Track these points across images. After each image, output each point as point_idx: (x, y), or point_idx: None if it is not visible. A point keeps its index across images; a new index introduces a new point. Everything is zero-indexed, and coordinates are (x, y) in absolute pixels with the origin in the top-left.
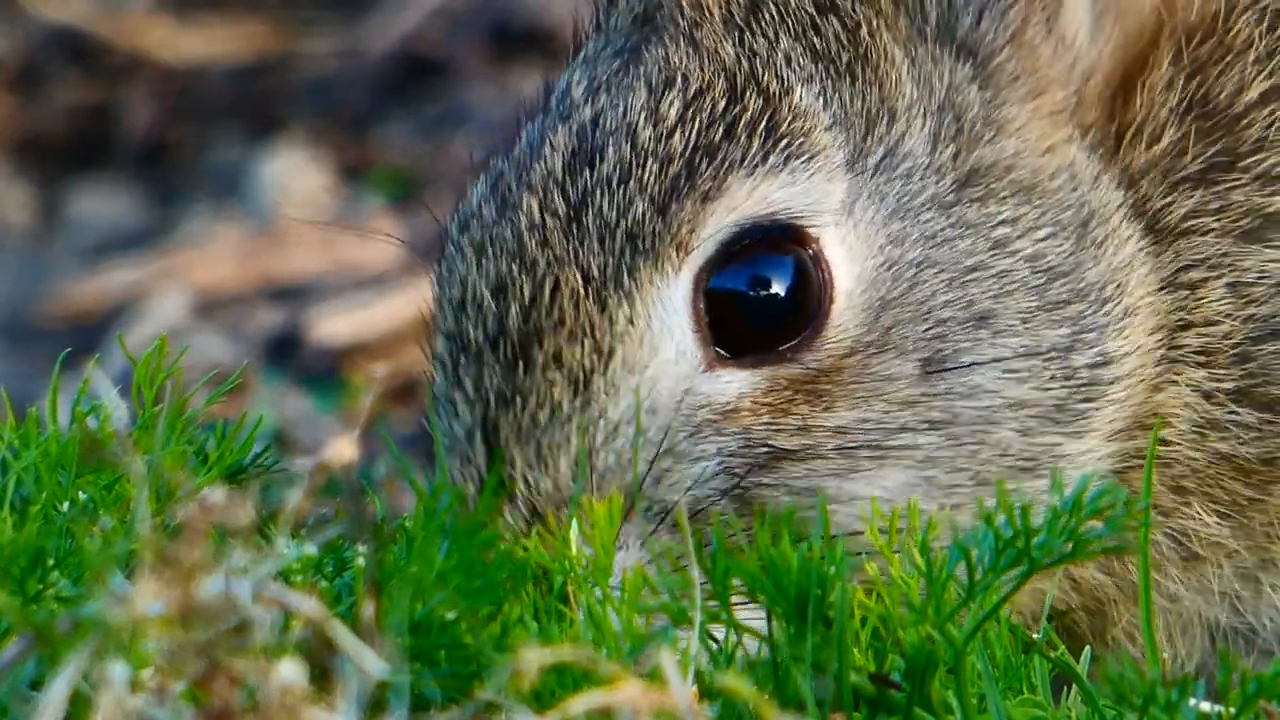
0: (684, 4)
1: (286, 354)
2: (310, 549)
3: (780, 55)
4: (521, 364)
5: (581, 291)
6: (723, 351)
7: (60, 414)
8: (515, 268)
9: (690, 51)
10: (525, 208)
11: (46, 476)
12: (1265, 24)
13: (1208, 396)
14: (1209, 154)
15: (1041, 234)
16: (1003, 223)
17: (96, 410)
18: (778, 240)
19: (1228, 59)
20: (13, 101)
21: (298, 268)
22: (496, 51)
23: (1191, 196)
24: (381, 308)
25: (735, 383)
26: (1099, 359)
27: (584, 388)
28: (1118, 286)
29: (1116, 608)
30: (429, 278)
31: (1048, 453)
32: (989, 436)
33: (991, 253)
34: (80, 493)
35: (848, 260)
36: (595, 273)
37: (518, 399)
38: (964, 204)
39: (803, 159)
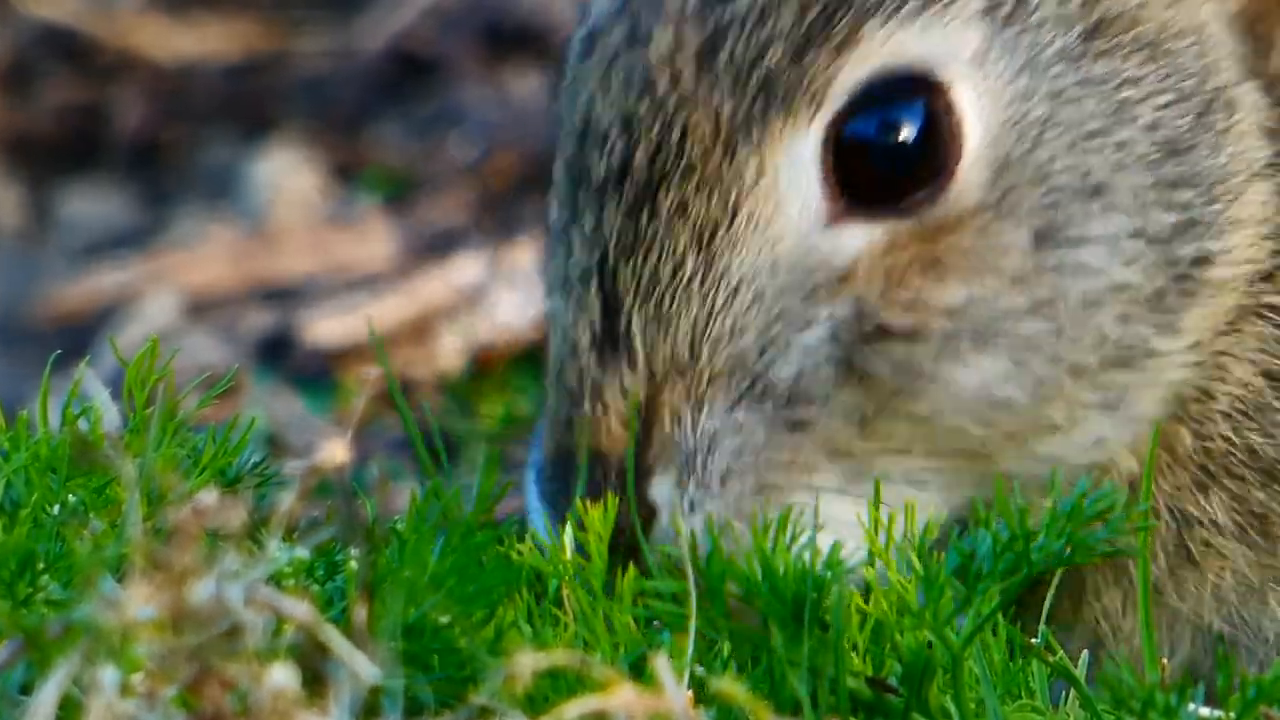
0: None
1: (279, 356)
2: (302, 552)
3: None
4: (646, 210)
5: (710, 138)
6: (848, 204)
7: (51, 416)
8: (644, 104)
9: None
10: (656, 40)
11: (37, 479)
12: None
13: (1262, 374)
14: None
15: (1162, 100)
16: (1126, 82)
17: (87, 412)
18: (911, 89)
19: None
20: (2, 101)
21: (290, 269)
22: (490, 51)
23: None
24: (375, 309)
25: (855, 239)
26: (1201, 254)
27: (708, 243)
28: (1230, 191)
29: (1097, 575)
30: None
31: (1142, 345)
32: (1090, 320)
33: (1113, 117)
34: (71, 495)
35: (978, 113)
36: (726, 119)
37: (640, 249)
38: (1090, 58)
39: (939, 5)
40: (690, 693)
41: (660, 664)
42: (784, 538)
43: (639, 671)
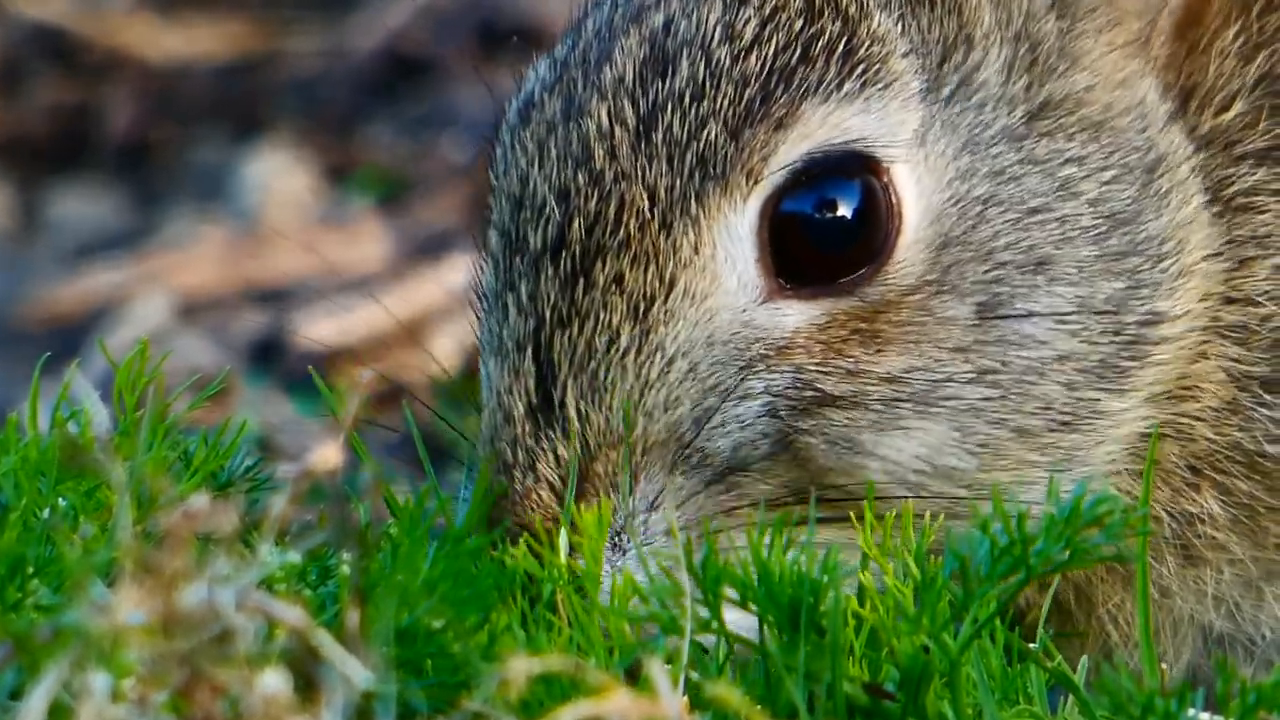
0: None
1: (270, 358)
2: (294, 557)
3: None
4: (582, 281)
5: (648, 213)
6: (784, 282)
7: (40, 419)
8: (581, 177)
9: None
10: (594, 113)
11: (26, 483)
12: None
13: (1237, 380)
14: (1275, 131)
15: (1107, 176)
16: (1070, 160)
17: (77, 415)
18: (849, 167)
19: None
20: None
21: (282, 270)
22: (483, 50)
23: (1255, 173)
24: (367, 311)
25: (793, 315)
26: (1149, 317)
27: (643, 316)
28: (1177, 244)
29: (1104, 586)
30: (484, 162)
31: (1089, 409)
32: (1034, 389)
33: (1057, 194)
34: (60, 499)
35: (917, 192)
36: (662, 193)
37: (575, 320)
38: (1033, 138)
39: (879, 86)
40: (685, 698)
41: (654, 669)
42: (779, 543)
43: (634, 677)
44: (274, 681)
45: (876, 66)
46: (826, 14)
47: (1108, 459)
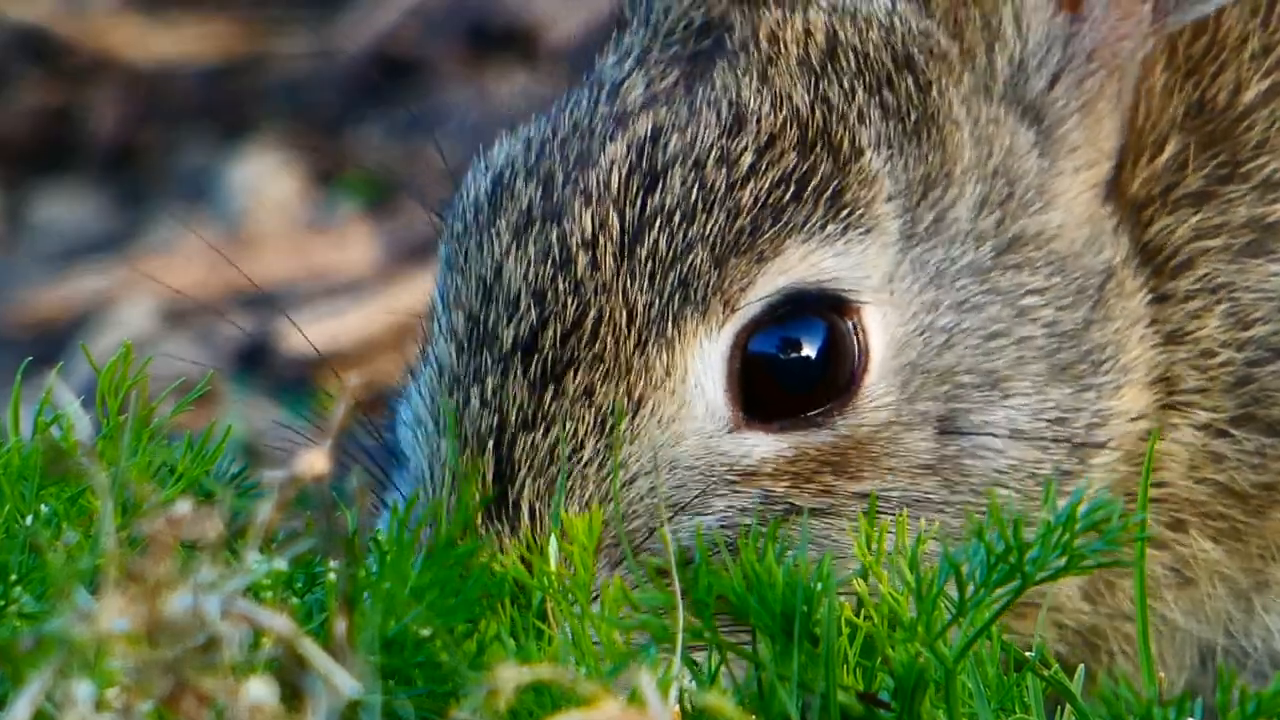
0: (759, 35)
1: (257, 363)
2: (280, 564)
3: (854, 110)
4: (552, 388)
5: (624, 329)
6: (751, 415)
7: (23, 424)
8: (561, 282)
9: (762, 89)
10: (578, 216)
11: (8, 489)
12: (1259, 18)
13: (1206, 428)
14: (1209, 166)
15: (1065, 302)
16: (1032, 292)
17: (60, 420)
18: (817, 306)
19: (1222, 57)
20: None
21: (269, 274)
22: (473, 52)
23: (1193, 215)
24: (355, 315)
25: (760, 447)
26: (1095, 420)
27: (609, 431)
28: (1117, 346)
29: (1104, 636)
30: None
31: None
32: (995, 492)
33: (1015, 320)
34: (43, 505)
35: (884, 330)
36: (641, 311)
37: (541, 425)
38: (998, 270)
39: (860, 230)
40: (677, 708)
41: (645, 679)
42: (772, 551)
43: (625, 686)
44: (260, 690)
45: (861, 211)
46: (819, 148)
47: None
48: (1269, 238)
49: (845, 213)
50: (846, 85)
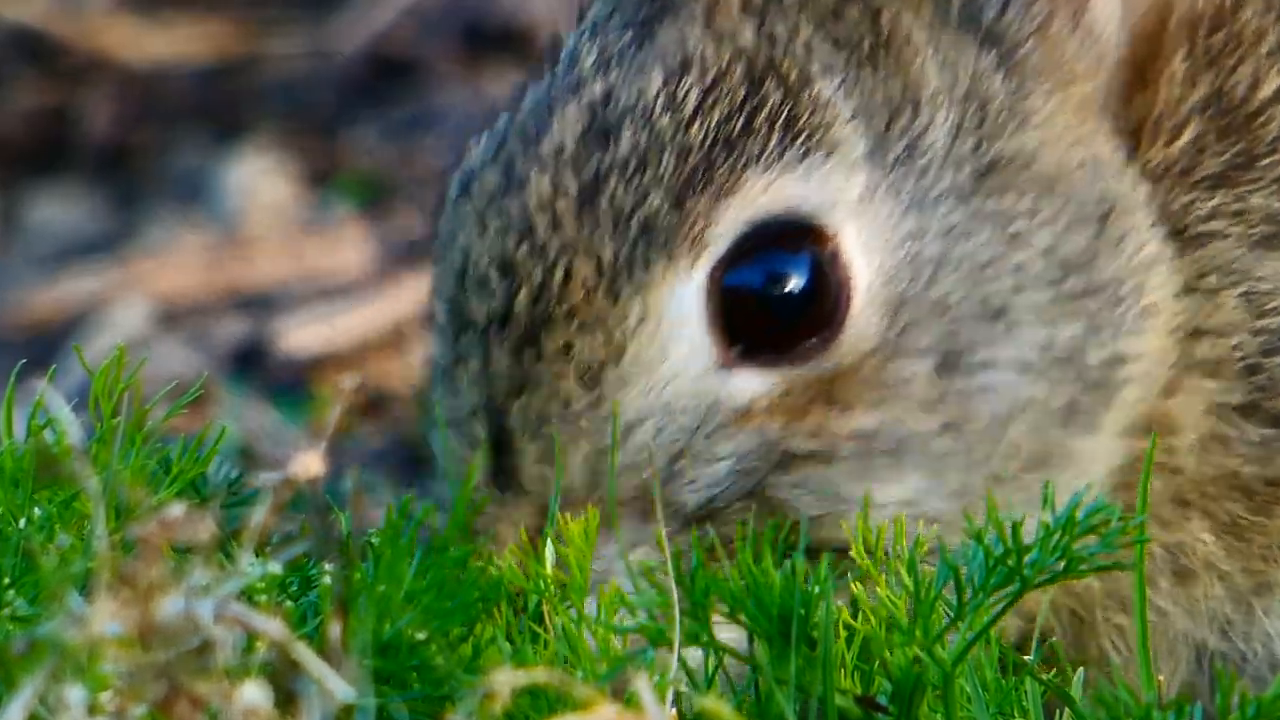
0: None
1: (252, 365)
2: (275, 567)
3: (800, 43)
4: (530, 351)
5: (593, 281)
6: (737, 351)
7: (16, 427)
8: (525, 248)
9: (707, 33)
10: (534, 184)
11: (1, 492)
12: (1274, 14)
13: (1215, 410)
14: (1227, 154)
15: (1060, 226)
16: (1020, 215)
17: (53, 423)
18: (793, 237)
19: (1240, 51)
20: None
21: (264, 276)
22: (469, 52)
23: (1211, 198)
24: (351, 317)
25: (750, 385)
26: (1112, 358)
27: (595, 382)
28: (1137, 285)
29: (1103, 614)
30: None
31: (1058, 450)
32: (1002, 436)
33: (1009, 245)
34: (36, 509)
35: (866, 257)
36: (608, 261)
37: (527, 388)
38: (982, 195)
39: (820, 153)
40: (674, 712)
41: (642, 683)
42: (769, 553)
43: (621, 690)
44: (254, 694)
45: (819, 133)
46: (768, 82)
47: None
48: None
49: (803, 138)
50: (792, 21)
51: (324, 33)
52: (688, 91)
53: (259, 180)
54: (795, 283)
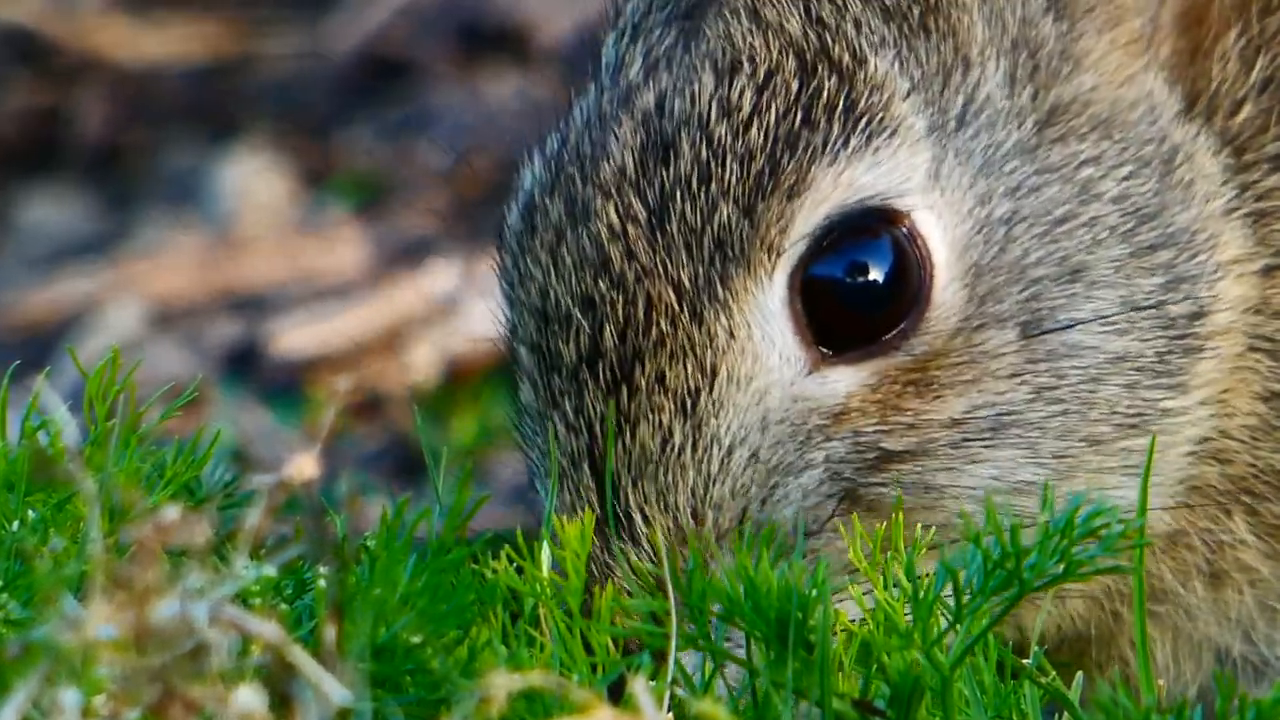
0: None
1: (246, 367)
2: (269, 570)
3: (849, 23)
4: (625, 387)
5: (676, 306)
6: (826, 350)
7: (10, 429)
8: (603, 282)
9: (754, 28)
10: (601, 212)
11: None
12: None
13: (1265, 398)
14: None
15: (1124, 172)
16: (1085, 162)
17: (47, 425)
18: (870, 224)
19: None
20: None
21: (258, 277)
22: (464, 52)
23: (1269, 179)
24: (346, 318)
25: (843, 380)
26: (1194, 310)
27: (692, 410)
28: (1210, 237)
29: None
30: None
31: (1153, 407)
32: (1096, 395)
33: (1079, 199)
34: (30, 511)
35: (940, 231)
36: (687, 284)
37: (626, 427)
38: (1045, 146)
39: (885, 135)
40: (670, 715)
41: (638, 686)
42: (768, 556)
43: (618, 694)
44: (248, 698)
45: (880, 115)
46: (821, 69)
47: (1179, 462)
48: None
49: (864, 122)
50: (839, 1)
51: (318, 32)
52: (742, 92)
53: (253, 181)
54: (878, 269)
